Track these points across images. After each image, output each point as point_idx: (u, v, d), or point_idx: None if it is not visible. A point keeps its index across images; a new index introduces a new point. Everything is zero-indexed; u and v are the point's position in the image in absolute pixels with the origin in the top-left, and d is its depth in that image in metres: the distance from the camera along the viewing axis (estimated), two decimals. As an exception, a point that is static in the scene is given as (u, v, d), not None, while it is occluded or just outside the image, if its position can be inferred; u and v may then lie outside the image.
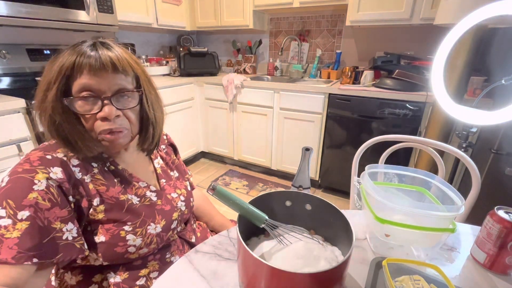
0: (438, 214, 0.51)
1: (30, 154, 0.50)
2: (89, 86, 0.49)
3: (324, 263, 0.45)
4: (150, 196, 0.62)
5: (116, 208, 0.55)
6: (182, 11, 2.44)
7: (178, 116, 2.30)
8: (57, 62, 0.49)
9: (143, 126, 0.59)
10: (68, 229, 0.48)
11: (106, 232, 0.53)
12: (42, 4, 1.43)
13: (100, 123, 0.51)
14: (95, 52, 0.49)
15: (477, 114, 0.70)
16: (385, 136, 0.93)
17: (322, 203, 0.53)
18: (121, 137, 0.54)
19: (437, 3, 1.54)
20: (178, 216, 0.66)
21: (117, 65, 0.51)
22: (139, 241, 0.56)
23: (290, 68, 2.50)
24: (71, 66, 0.48)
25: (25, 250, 0.42)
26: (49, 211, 0.46)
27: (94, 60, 0.48)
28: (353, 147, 1.90)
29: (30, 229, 0.43)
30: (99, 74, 0.49)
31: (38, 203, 0.45)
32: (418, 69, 1.71)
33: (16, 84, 1.65)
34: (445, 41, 0.74)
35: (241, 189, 2.23)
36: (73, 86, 0.49)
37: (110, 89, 0.51)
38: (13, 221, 0.43)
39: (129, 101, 0.54)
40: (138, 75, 0.56)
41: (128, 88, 0.53)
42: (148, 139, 0.61)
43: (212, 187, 0.48)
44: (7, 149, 1.25)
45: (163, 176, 0.69)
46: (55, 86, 0.48)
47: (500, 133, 1.19)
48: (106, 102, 0.51)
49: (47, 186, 0.46)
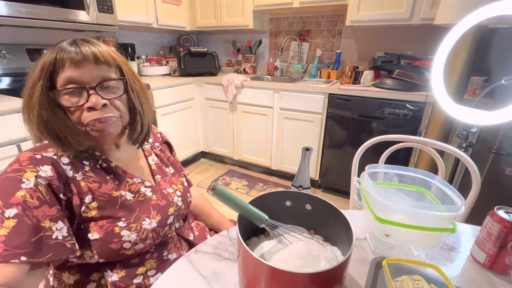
0: (438, 214, 0.51)
1: (20, 155, 0.50)
2: (73, 78, 0.50)
3: (324, 263, 0.45)
4: (145, 191, 0.62)
5: (109, 205, 0.55)
6: (182, 11, 2.44)
7: (178, 116, 2.30)
8: (40, 61, 0.50)
9: (131, 116, 0.60)
10: (58, 228, 0.47)
11: (100, 229, 0.53)
12: (42, 4, 1.43)
13: (88, 114, 0.52)
14: (76, 46, 0.50)
15: (477, 114, 0.70)
16: (385, 136, 0.93)
17: (322, 203, 0.53)
18: (110, 125, 0.54)
19: (437, 3, 1.54)
20: (174, 211, 0.65)
21: (98, 55, 0.51)
22: (134, 236, 0.55)
23: (290, 68, 2.50)
24: (52, 62, 0.49)
25: (12, 247, 0.42)
26: (37, 209, 0.46)
27: (75, 53, 0.49)
28: (353, 147, 1.90)
29: (17, 227, 0.43)
30: (81, 66, 0.50)
31: (26, 201, 0.45)
32: (418, 69, 1.71)
33: (16, 84, 1.65)
34: (445, 41, 0.74)
35: (241, 189, 2.23)
36: (58, 81, 0.50)
37: (93, 80, 0.52)
38: (1, 219, 0.43)
39: (114, 90, 0.55)
40: (121, 66, 0.57)
41: (112, 77, 0.54)
42: (136, 129, 0.61)
43: (212, 187, 0.48)
44: (7, 149, 1.25)
45: (158, 172, 0.69)
46: (40, 83, 0.49)
47: (500, 133, 1.19)
48: (92, 92, 0.51)
49: (35, 184, 0.46)
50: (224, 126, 2.46)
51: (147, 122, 0.64)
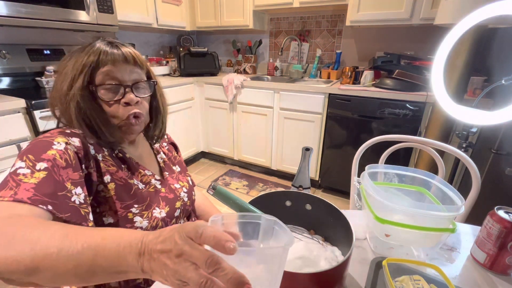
0: (438, 214, 0.51)
1: (50, 131, 0.54)
2: (113, 74, 0.56)
3: (324, 263, 0.45)
4: (155, 183, 0.65)
5: (124, 190, 0.58)
6: (182, 11, 2.44)
7: (178, 116, 2.30)
8: (77, 59, 0.54)
9: (154, 115, 0.68)
10: (77, 193, 0.49)
11: (115, 214, 0.55)
12: (42, 4, 1.43)
13: (124, 109, 0.58)
14: (117, 49, 0.57)
15: (477, 114, 0.70)
16: (385, 136, 0.93)
17: (322, 203, 0.53)
18: (139, 123, 0.61)
19: (437, 3, 1.54)
20: (181, 205, 0.68)
21: (136, 58, 0.59)
22: (146, 223, 0.58)
23: (290, 68, 2.50)
24: (96, 60, 0.54)
25: (41, 194, 0.43)
26: (63, 169, 0.48)
27: (117, 54, 0.56)
28: (353, 147, 1.90)
29: (46, 179, 0.45)
30: (121, 66, 0.57)
31: (56, 159, 0.47)
32: (418, 69, 1.71)
33: (16, 84, 1.65)
34: (445, 41, 0.74)
35: (241, 189, 2.23)
36: (97, 76, 0.55)
37: (130, 79, 0.58)
38: (32, 171, 0.45)
39: (144, 91, 0.62)
40: (148, 70, 0.64)
41: (144, 79, 0.62)
42: (158, 126, 0.69)
43: (212, 187, 0.48)
44: (7, 149, 1.25)
45: (166, 169, 0.73)
46: (81, 76, 0.54)
47: (500, 133, 1.19)
48: (128, 90, 0.58)
49: (65, 148, 0.50)
50: (224, 126, 2.46)
51: (166, 120, 0.71)
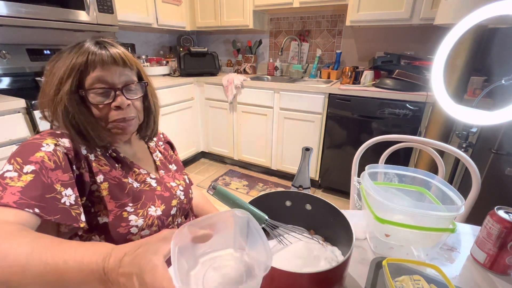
0: (438, 214, 0.51)
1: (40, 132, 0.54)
2: (103, 78, 0.54)
3: (324, 263, 0.45)
4: (150, 182, 0.65)
5: (118, 189, 0.58)
6: (182, 11, 2.44)
7: (178, 116, 2.30)
8: (65, 61, 0.53)
9: (146, 114, 0.66)
10: (67, 195, 0.49)
11: (109, 213, 0.55)
12: (42, 4, 1.43)
13: (115, 113, 0.57)
14: (105, 49, 0.55)
15: (477, 114, 0.70)
16: (385, 136, 0.93)
17: (322, 203, 0.53)
18: (131, 124, 0.60)
19: (437, 3, 1.54)
20: (177, 203, 0.67)
21: (125, 60, 0.57)
22: (141, 221, 0.58)
23: (290, 68, 2.50)
24: (84, 62, 0.53)
25: (28, 198, 0.43)
26: (52, 171, 0.48)
27: (106, 56, 0.54)
28: (353, 147, 1.90)
29: (34, 182, 0.45)
30: (110, 68, 0.55)
31: (44, 161, 0.47)
32: (418, 69, 1.71)
33: (16, 84, 1.65)
34: (445, 41, 0.74)
35: (241, 189, 2.23)
36: (86, 80, 0.54)
37: (120, 82, 0.57)
38: (19, 174, 0.45)
39: (135, 92, 0.61)
40: (139, 69, 0.63)
41: (135, 80, 0.60)
42: (150, 125, 0.69)
43: (212, 187, 0.48)
44: (7, 149, 1.25)
45: (162, 167, 0.73)
46: (70, 80, 0.52)
47: (500, 133, 1.19)
48: (118, 93, 0.56)
49: (54, 149, 0.50)
50: (224, 126, 2.46)
51: (157, 119, 0.71)
